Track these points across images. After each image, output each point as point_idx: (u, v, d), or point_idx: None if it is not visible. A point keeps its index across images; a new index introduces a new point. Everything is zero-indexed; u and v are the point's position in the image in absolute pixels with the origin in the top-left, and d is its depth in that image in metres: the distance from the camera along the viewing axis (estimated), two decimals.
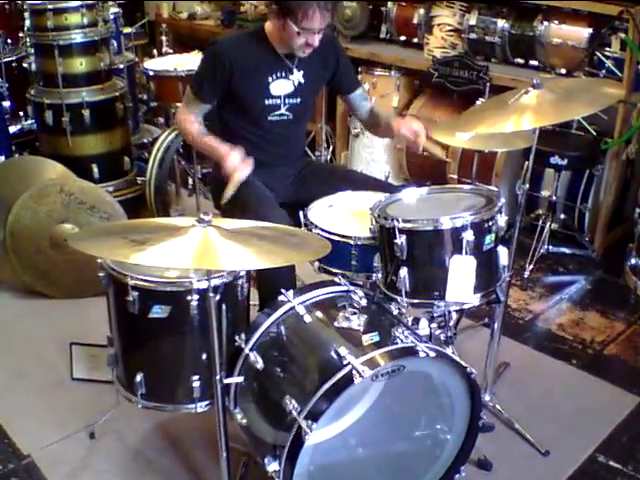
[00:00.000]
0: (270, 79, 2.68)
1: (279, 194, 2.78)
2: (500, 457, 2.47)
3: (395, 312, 2.26)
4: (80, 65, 3.75)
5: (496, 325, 2.63)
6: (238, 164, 2.47)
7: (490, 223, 2.16)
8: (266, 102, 2.69)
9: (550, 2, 3.78)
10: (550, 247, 3.77)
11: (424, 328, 2.36)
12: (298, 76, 2.70)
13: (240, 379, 2.11)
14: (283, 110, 2.72)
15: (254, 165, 2.53)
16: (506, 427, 2.62)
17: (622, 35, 3.53)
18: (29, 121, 4.23)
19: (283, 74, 2.69)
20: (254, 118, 2.72)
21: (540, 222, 3.75)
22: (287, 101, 2.72)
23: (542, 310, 3.45)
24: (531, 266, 3.63)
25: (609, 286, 3.65)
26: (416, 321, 2.37)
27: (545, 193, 3.83)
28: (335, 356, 1.94)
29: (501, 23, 3.99)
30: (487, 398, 2.68)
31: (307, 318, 2.10)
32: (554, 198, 3.74)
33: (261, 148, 2.72)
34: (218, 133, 2.75)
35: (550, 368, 3.02)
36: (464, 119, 2.66)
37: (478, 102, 3.83)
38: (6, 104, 4.05)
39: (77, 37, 3.68)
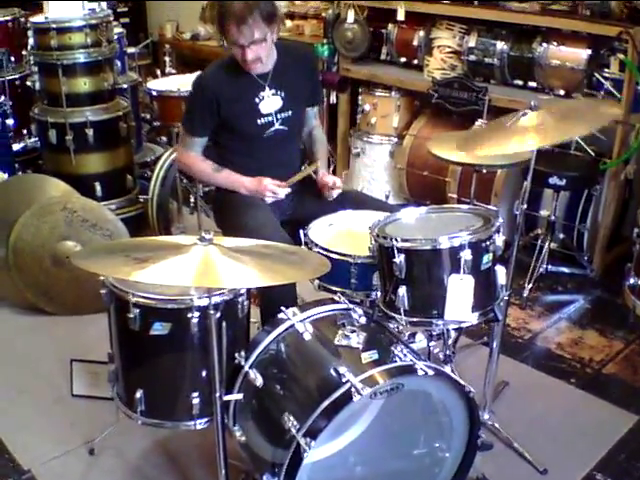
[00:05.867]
0: (257, 99, 2.73)
1: (281, 212, 2.81)
2: (498, 476, 2.46)
3: (394, 330, 2.28)
4: (84, 85, 3.79)
5: (495, 344, 2.65)
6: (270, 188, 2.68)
7: (488, 243, 2.18)
8: (259, 122, 2.74)
9: (549, 23, 3.82)
10: (549, 266, 3.79)
11: (421, 340, 2.37)
12: (269, 93, 2.73)
13: (239, 396, 2.12)
14: (277, 125, 2.77)
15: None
16: (505, 446, 2.63)
17: (621, 56, 3.56)
18: (32, 139, 4.27)
19: (264, 93, 2.73)
20: (251, 139, 2.77)
21: (539, 241, 3.77)
22: (279, 116, 2.76)
23: (541, 329, 3.46)
24: (530, 285, 3.64)
25: (608, 305, 3.66)
26: (412, 335, 2.38)
27: (544, 213, 3.85)
28: (334, 374, 1.95)
29: (500, 45, 4.03)
30: (486, 417, 2.68)
31: (306, 336, 2.12)
32: (553, 218, 3.77)
33: (261, 165, 2.77)
34: (216, 156, 2.81)
35: (549, 387, 3.03)
36: (465, 141, 2.67)
37: (477, 123, 3.86)
38: (9, 122, 4.07)
39: (81, 57, 3.72)
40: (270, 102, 2.74)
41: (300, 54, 2.91)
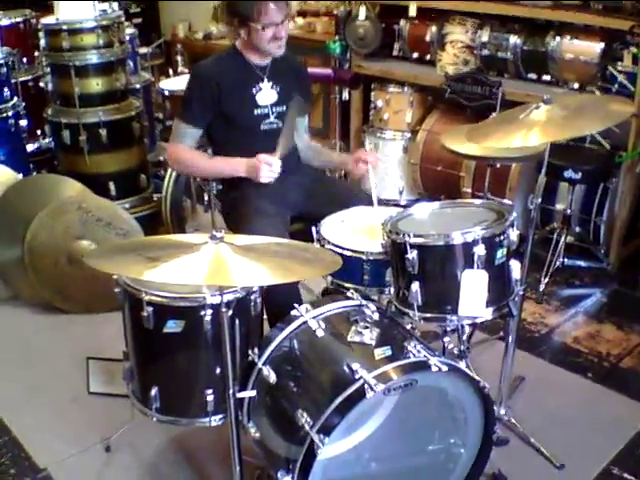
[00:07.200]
0: (254, 90, 2.77)
1: (290, 207, 2.81)
2: (515, 471, 2.46)
3: (408, 326, 2.27)
4: (96, 85, 3.80)
5: (510, 339, 2.63)
6: (264, 165, 2.61)
7: (502, 237, 2.17)
8: (255, 112, 2.78)
9: (562, 18, 3.80)
10: (565, 260, 3.76)
11: None
12: (267, 86, 2.78)
13: (253, 393, 2.12)
14: (272, 118, 2.81)
15: (261, 184, 2.61)
16: (521, 441, 2.62)
17: (634, 50, 3.55)
18: (47, 140, 4.28)
19: (262, 84, 2.78)
20: (247, 130, 2.79)
21: (555, 235, 3.75)
22: (274, 109, 2.81)
23: (558, 323, 3.44)
24: (546, 279, 3.62)
25: (625, 299, 3.64)
26: None
27: (560, 206, 3.84)
28: (347, 370, 1.95)
29: (513, 39, 4.01)
30: (502, 412, 2.67)
31: (319, 332, 2.11)
32: (569, 211, 3.75)
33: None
34: (211, 152, 2.82)
35: (566, 381, 3.01)
36: (474, 132, 2.65)
37: (491, 117, 3.84)
38: (23, 123, 4.08)
39: (93, 58, 3.74)
40: (267, 94, 2.79)
41: (295, 63, 2.96)
